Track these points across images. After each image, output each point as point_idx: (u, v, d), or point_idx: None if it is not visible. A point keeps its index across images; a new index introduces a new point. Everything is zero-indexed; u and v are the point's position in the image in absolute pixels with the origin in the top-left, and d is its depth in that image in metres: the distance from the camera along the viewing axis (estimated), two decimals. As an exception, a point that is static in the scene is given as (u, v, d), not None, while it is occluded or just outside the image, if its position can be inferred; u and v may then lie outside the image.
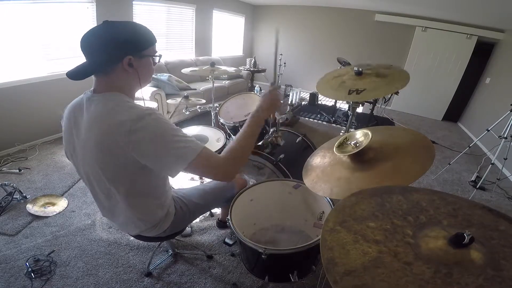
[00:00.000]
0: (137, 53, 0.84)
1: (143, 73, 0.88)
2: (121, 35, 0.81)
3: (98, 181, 0.91)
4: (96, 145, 0.82)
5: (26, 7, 2.56)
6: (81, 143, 0.88)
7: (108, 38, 0.79)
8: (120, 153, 0.81)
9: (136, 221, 1.03)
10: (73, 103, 0.92)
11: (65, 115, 0.93)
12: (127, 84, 0.87)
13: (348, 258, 0.53)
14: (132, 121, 0.77)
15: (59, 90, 2.91)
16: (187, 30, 4.82)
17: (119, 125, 0.78)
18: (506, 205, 2.54)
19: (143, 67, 0.87)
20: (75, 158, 0.95)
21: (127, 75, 0.84)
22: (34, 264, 1.47)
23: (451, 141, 4.09)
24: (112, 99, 0.83)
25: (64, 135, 0.95)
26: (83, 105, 0.86)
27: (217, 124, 2.19)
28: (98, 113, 0.82)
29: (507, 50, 4.21)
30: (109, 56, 0.80)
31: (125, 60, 0.81)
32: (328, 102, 5.56)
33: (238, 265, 1.58)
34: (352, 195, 0.72)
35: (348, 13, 5.52)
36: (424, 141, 0.97)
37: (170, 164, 0.82)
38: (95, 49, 0.80)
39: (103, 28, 0.79)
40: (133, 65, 0.83)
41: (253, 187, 1.36)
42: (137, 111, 0.80)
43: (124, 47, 0.81)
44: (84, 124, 0.85)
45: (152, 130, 0.79)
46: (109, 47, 0.79)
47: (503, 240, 0.54)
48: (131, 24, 0.85)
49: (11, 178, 2.23)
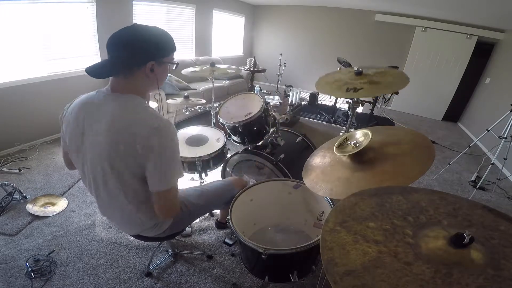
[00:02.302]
0: (159, 59, 0.87)
1: (161, 78, 0.92)
2: (149, 41, 0.84)
3: (105, 179, 0.91)
4: (112, 144, 0.83)
5: (26, 7, 2.56)
6: (93, 140, 0.87)
7: (135, 41, 0.82)
8: (133, 155, 0.83)
9: (137, 220, 1.03)
10: (84, 100, 0.91)
11: (73, 111, 0.91)
12: (145, 87, 0.90)
13: (348, 258, 0.53)
14: (153, 128, 0.81)
15: (59, 90, 2.91)
16: (187, 30, 4.82)
17: (140, 129, 0.81)
18: (506, 205, 2.54)
19: (162, 72, 0.91)
20: (80, 154, 0.93)
21: (147, 79, 0.87)
22: (34, 264, 1.47)
23: (451, 141, 4.09)
24: (131, 101, 0.85)
25: (69, 131, 0.93)
26: (99, 102, 0.86)
27: (217, 124, 2.19)
28: (117, 113, 0.83)
29: (507, 50, 4.21)
30: (135, 60, 0.83)
31: (148, 65, 0.84)
32: (328, 102, 5.57)
33: (238, 265, 1.58)
34: (352, 195, 0.72)
35: (348, 13, 5.52)
36: (424, 141, 0.97)
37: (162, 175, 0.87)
38: (120, 50, 0.82)
39: (133, 30, 0.82)
40: (154, 70, 0.86)
41: (253, 187, 1.36)
42: (158, 120, 0.84)
43: (150, 52, 0.84)
44: (102, 121, 0.84)
45: (165, 142, 0.84)
46: (136, 51, 0.82)
47: (503, 240, 0.54)
48: (159, 31, 0.88)
49: (11, 178, 2.23)
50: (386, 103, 4.46)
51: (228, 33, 6.02)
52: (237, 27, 6.28)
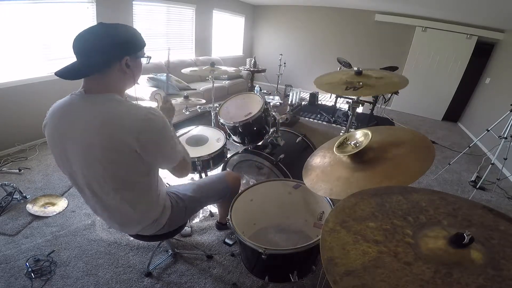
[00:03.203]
0: (133, 54, 0.87)
1: (137, 73, 0.92)
2: (121, 36, 0.84)
3: (100, 182, 0.90)
4: (103, 146, 0.82)
5: (26, 7, 2.56)
6: (79, 146, 0.84)
7: (108, 38, 0.81)
8: (127, 152, 0.83)
9: (135, 219, 1.04)
10: (59, 107, 0.87)
11: (51, 119, 0.87)
12: (122, 84, 0.90)
13: (348, 258, 0.53)
14: (142, 120, 0.82)
15: (59, 90, 2.89)
16: (187, 30, 4.82)
17: (128, 126, 0.81)
18: (506, 205, 2.54)
19: (137, 67, 0.91)
20: (68, 165, 0.90)
21: (123, 75, 0.87)
22: (34, 264, 1.47)
23: (451, 141, 4.09)
24: (111, 100, 0.84)
25: (52, 143, 0.90)
26: (75, 107, 0.84)
27: (217, 124, 2.19)
28: (103, 114, 0.81)
29: (507, 50, 4.21)
30: (108, 56, 0.82)
31: (123, 60, 0.84)
32: (328, 102, 5.57)
33: (238, 265, 1.58)
34: (352, 195, 0.72)
35: (348, 13, 5.52)
36: (424, 141, 0.97)
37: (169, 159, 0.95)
38: (93, 49, 0.80)
39: (101, 28, 0.80)
40: (130, 65, 0.86)
41: (253, 187, 1.36)
42: (144, 111, 0.83)
43: (123, 47, 0.84)
44: (84, 126, 0.82)
45: (159, 132, 0.86)
46: (109, 47, 0.81)
47: (503, 240, 0.54)
48: (127, 26, 0.87)
49: (11, 178, 2.23)
50: (386, 103, 4.46)
51: (228, 33, 6.01)
52: (237, 27, 6.28)
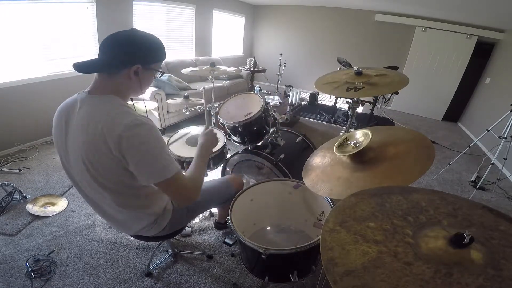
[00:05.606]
0: (145, 64, 0.87)
1: (144, 83, 0.91)
2: (139, 43, 0.85)
3: (89, 182, 0.90)
4: (86, 146, 0.82)
5: (26, 7, 2.56)
6: (72, 143, 0.86)
7: (127, 43, 0.83)
8: (109, 155, 0.81)
9: (134, 219, 1.04)
10: (64, 104, 0.90)
11: (57, 114, 0.91)
12: (126, 89, 0.90)
13: (348, 258, 0.53)
14: (125, 126, 0.79)
15: (59, 90, 2.90)
16: (187, 30, 4.82)
17: (111, 129, 0.79)
18: (506, 205, 2.54)
19: (146, 78, 0.91)
20: (67, 162, 0.92)
21: (129, 81, 0.87)
22: (34, 264, 1.47)
23: (451, 141, 4.09)
24: (107, 102, 0.84)
25: (55, 139, 0.93)
26: (76, 106, 0.85)
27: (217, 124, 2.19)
28: (92, 114, 0.82)
29: (507, 50, 4.21)
30: (120, 58, 0.83)
31: (133, 67, 0.84)
32: (328, 102, 5.57)
33: (238, 265, 1.58)
34: (352, 195, 0.72)
35: (348, 13, 5.52)
36: (424, 141, 0.97)
37: (150, 173, 0.84)
38: (110, 47, 0.82)
39: (127, 32, 0.83)
40: (139, 74, 0.86)
41: (253, 187, 1.36)
42: (131, 118, 0.81)
43: (138, 55, 0.85)
44: (76, 124, 0.84)
45: (142, 140, 0.81)
46: (123, 50, 0.83)
47: (503, 240, 0.54)
48: (154, 38, 0.88)
49: (11, 178, 2.23)
50: (386, 103, 4.46)
51: (228, 33, 6.01)
52: (237, 27, 6.28)
